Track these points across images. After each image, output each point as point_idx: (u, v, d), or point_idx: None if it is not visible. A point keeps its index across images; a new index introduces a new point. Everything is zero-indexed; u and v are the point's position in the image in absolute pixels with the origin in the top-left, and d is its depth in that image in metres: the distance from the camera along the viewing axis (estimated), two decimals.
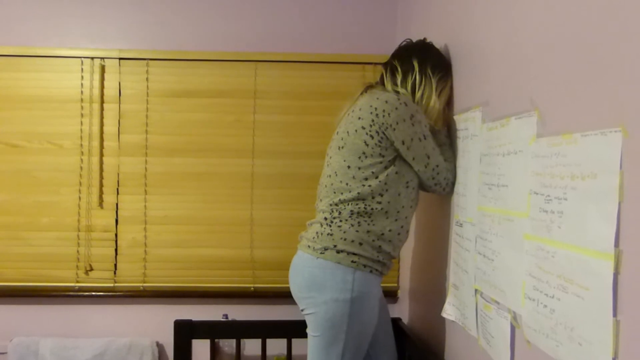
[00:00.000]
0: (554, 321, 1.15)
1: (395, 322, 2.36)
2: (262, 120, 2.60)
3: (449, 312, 1.82)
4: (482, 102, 1.60)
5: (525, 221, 1.29)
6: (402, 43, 1.93)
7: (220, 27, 2.61)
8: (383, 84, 1.85)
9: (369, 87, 1.85)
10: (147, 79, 2.58)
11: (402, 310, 2.53)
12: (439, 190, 1.81)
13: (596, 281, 1.01)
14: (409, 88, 1.78)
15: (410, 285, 2.44)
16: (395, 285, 2.64)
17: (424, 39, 1.92)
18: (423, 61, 1.80)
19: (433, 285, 2.05)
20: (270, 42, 2.61)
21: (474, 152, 1.65)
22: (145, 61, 2.58)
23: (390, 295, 2.62)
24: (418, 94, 1.77)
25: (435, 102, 1.78)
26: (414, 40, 1.92)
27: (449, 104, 1.88)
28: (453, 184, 1.81)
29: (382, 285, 2.56)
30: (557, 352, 1.15)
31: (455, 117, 1.84)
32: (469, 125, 1.69)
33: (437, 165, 1.76)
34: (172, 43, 2.59)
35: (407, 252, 2.47)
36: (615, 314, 0.97)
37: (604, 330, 0.99)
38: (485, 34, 1.60)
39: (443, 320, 1.90)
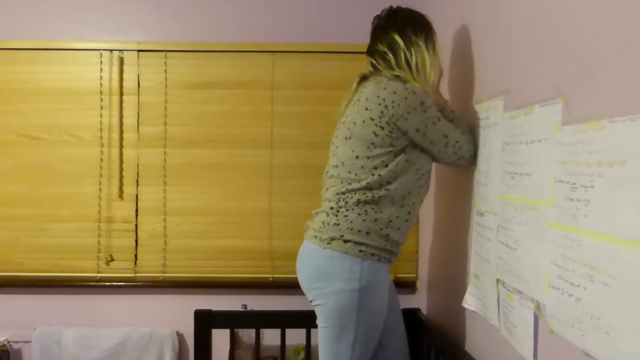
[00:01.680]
0: (580, 310, 1.14)
1: (414, 312, 2.35)
2: (280, 111, 2.60)
3: (469, 302, 1.81)
4: (504, 90, 1.58)
5: (550, 210, 1.27)
6: (373, 22, 1.86)
7: (238, 18, 2.61)
8: (377, 70, 1.80)
9: (363, 78, 1.82)
10: (165, 70, 2.59)
11: (421, 300, 2.53)
12: (462, 163, 1.79)
13: (625, 269, 0.99)
14: (404, 65, 1.74)
15: (429, 275, 2.43)
16: (414, 275, 2.63)
17: (390, 7, 1.85)
18: (402, 30, 1.76)
19: (453, 276, 2.04)
20: (287, 32, 2.60)
21: (495, 141, 1.63)
22: (164, 53, 2.59)
23: (409, 285, 2.62)
24: (413, 64, 1.73)
25: (432, 67, 1.75)
26: (379, 14, 1.85)
27: (468, 93, 1.86)
28: (475, 154, 1.79)
29: (401, 275, 2.58)
30: (582, 342, 1.14)
31: (476, 106, 1.82)
32: (490, 114, 1.68)
33: (457, 141, 1.74)
34: (190, 35, 2.60)
35: (427, 243, 2.46)
36: None
37: (632, 319, 0.97)
38: (506, 18, 1.58)
39: (463, 310, 1.89)
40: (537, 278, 1.34)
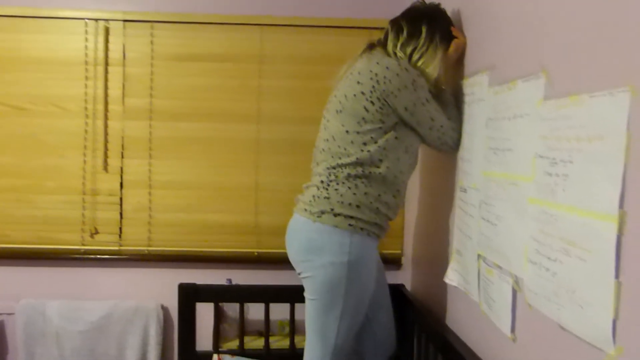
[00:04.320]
0: (556, 284, 1.15)
1: (399, 288, 2.37)
2: (267, 85, 2.57)
3: (451, 277, 1.83)
4: (489, 66, 1.57)
5: (530, 185, 1.27)
6: (414, 3, 1.86)
7: None
8: (386, 42, 1.80)
9: (370, 46, 1.82)
10: (151, 41, 2.55)
11: (405, 277, 2.54)
12: (445, 149, 1.81)
13: (599, 243, 1.00)
14: (408, 51, 1.74)
15: (414, 252, 2.44)
16: (399, 252, 2.64)
17: (439, 4, 1.86)
18: (432, 28, 1.76)
19: (437, 252, 2.05)
20: (276, 5, 2.56)
21: (480, 116, 1.63)
22: (150, 24, 2.54)
23: (394, 262, 2.63)
24: (415, 57, 1.73)
25: (434, 69, 1.74)
26: (427, 2, 1.86)
27: (457, 66, 1.85)
28: (459, 141, 1.80)
29: (386, 252, 2.59)
30: (558, 315, 1.15)
31: (462, 82, 1.81)
32: (476, 89, 1.67)
33: (442, 126, 1.74)
34: (177, 5, 2.55)
35: (411, 219, 2.46)
36: (617, 276, 0.96)
37: (604, 292, 0.98)
38: None
39: (446, 286, 1.90)
40: (516, 253, 1.35)
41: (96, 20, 2.53)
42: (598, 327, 1.00)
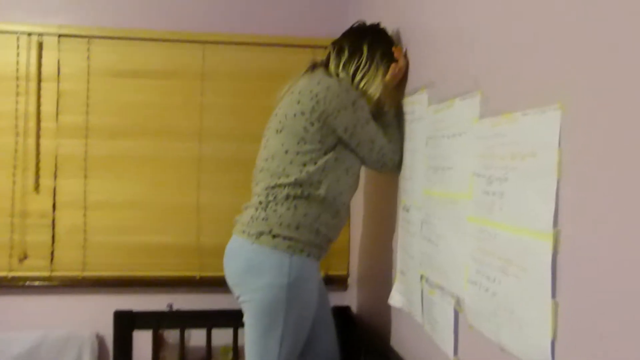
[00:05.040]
0: (495, 304, 1.13)
1: (344, 310, 2.33)
2: (209, 103, 2.51)
3: (395, 299, 1.80)
4: (428, 84, 1.57)
5: (469, 203, 1.26)
6: (355, 24, 1.87)
7: (168, 5, 2.50)
8: (328, 62, 1.79)
9: (313, 66, 1.80)
10: (88, 57, 2.45)
11: (352, 298, 2.50)
12: (385, 170, 1.80)
13: (535, 262, 0.99)
14: (350, 71, 1.73)
15: (360, 272, 2.41)
16: (345, 273, 2.60)
17: (379, 24, 1.86)
18: (373, 47, 1.76)
19: (381, 273, 2.02)
20: (219, 21, 2.52)
21: (420, 135, 1.62)
22: (86, 39, 2.44)
23: (340, 283, 2.58)
24: (357, 78, 1.72)
25: (376, 90, 1.73)
26: (368, 23, 1.87)
27: (400, 87, 1.85)
28: (400, 163, 1.79)
29: (332, 273, 2.55)
30: (498, 336, 1.13)
31: (403, 101, 1.80)
32: (416, 108, 1.66)
33: (382, 148, 1.73)
34: (116, 20, 2.47)
35: (357, 239, 2.43)
36: (554, 295, 0.95)
37: (542, 311, 0.97)
38: (433, 15, 1.57)
39: (390, 307, 1.87)
40: (457, 273, 1.33)
41: (29, 34, 2.42)
42: (537, 347, 0.99)
